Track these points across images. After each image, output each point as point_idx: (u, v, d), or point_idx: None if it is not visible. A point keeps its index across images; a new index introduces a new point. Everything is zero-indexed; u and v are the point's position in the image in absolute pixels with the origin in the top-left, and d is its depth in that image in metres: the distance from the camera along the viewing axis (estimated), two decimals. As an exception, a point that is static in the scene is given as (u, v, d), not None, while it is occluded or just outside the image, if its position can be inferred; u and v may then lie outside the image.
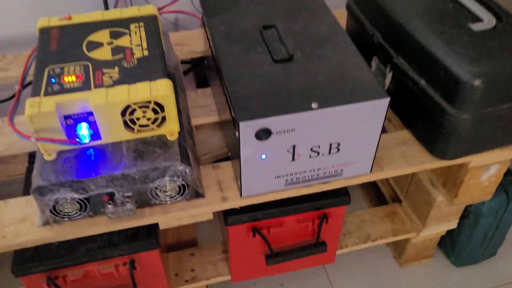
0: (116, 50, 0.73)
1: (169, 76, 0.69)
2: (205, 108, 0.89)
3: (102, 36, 0.75)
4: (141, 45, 0.74)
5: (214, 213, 0.77)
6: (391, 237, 1.04)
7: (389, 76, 0.84)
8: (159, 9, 0.85)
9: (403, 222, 1.07)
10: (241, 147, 0.66)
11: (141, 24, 0.78)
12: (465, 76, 0.69)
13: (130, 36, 0.76)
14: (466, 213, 1.01)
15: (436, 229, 1.03)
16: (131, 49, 0.73)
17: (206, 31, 0.84)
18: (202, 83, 1.13)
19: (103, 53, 0.72)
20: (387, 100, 0.67)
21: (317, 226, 0.86)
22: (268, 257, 0.87)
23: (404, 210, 1.08)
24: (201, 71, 1.11)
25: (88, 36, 0.75)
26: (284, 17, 0.81)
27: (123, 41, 0.74)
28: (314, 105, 0.65)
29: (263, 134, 0.65)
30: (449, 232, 1.09)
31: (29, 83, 0.73)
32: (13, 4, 1.04)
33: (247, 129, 0.64)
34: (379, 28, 0.86)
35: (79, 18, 0.78)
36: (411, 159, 0.81)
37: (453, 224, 1.03)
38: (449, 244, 1.12)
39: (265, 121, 0.64)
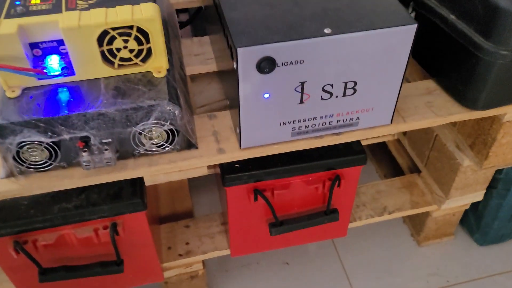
0: (94, -26, 0.62)
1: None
2: (202, 56, 0.79)
3: (79, -39, 0.65)
4: (125, -29, 0.63)
5: (212, 177, 0.66)
6: (410, 210, 0.93)
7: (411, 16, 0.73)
8: None
9: (423, 193, 0.96)
10: (240, 82, 0.55)
11: (126, -49, 0.67)
12: (505, 3, 0.58)
13: (113, -38, 0.65)
14: (494, 183, 0.90)
15: (461, 200, 0.92)
16: (113, -27, 0.63)
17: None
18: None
19: (80, -22, 0.62)
20: (414, 27, 0.56)
21: (328, 190, 0.75)
22: (272, 226, 0.77)
23: (424, 181, 0.97)
24: (199, 25, 1.01)
25: (63, -38, 0.65)
26: None
27: (103, -34, 0.64)
28: (327, 31, 0.54)
29: (266, 64, 0.54)
30: (474, 207, 0.98)
31: None
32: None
33: (247, 57, 0.53)
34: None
35: None
36: (437, 110, 0.70)
37: (479, 196, 0.92)
38: (473, 220, 1.01)
39: (269, 47, 0.53)
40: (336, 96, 0.61)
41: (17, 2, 0.57)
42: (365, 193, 0.96)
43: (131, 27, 0.56)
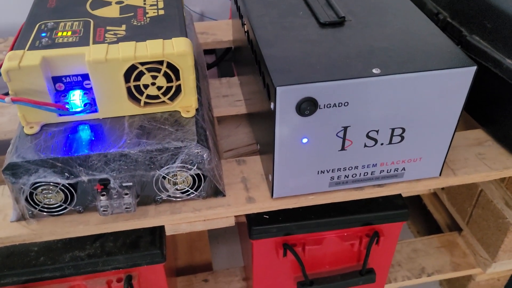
0: (125, 8, 0.60)
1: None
2: (231, 97, 0.75)
3: (111, -5, 0.62)
4: (157, 5, 0.60)
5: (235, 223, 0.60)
6: (451, 272, 0.85)
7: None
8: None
9: (465, 254, 0.87)
10: (276, 125, 0.50)
11: (159, -13, 0.65)
12: None
13: (145, -4, 0.62)
14: (547, 245, 0.82)
15: (509, 264, 0.83)
16: (144, 8, 0.60)
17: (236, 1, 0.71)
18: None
19: (110, 11, 0.59)
20: (473, 70, 0.51)
21: (366, 247, 0.68)
22: (300, 285, 0.69)
23: (465, 240, 0.89)
24: (226, 66, 0.98)
25: (94, -4, 0.62)
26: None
27: (135, 1, 0.61)
28: (376, 71, 0.49)
29: (307, 106, 0.49)
30: (521, 271, 0.89)
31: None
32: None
33: (286, 97, 0.48)
34: (444, 6, 0.71)
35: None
36: (491, 163, 0.63)
37: (530, 259, 0.83)
38: (520, 286, 0.92)
39: (311, 87, 0.48)
40: (382, 144, 0.55)
41: (43, 34, 0.53)
42: (399, 251, 0.88)
43: (161, 63, 0.52)
